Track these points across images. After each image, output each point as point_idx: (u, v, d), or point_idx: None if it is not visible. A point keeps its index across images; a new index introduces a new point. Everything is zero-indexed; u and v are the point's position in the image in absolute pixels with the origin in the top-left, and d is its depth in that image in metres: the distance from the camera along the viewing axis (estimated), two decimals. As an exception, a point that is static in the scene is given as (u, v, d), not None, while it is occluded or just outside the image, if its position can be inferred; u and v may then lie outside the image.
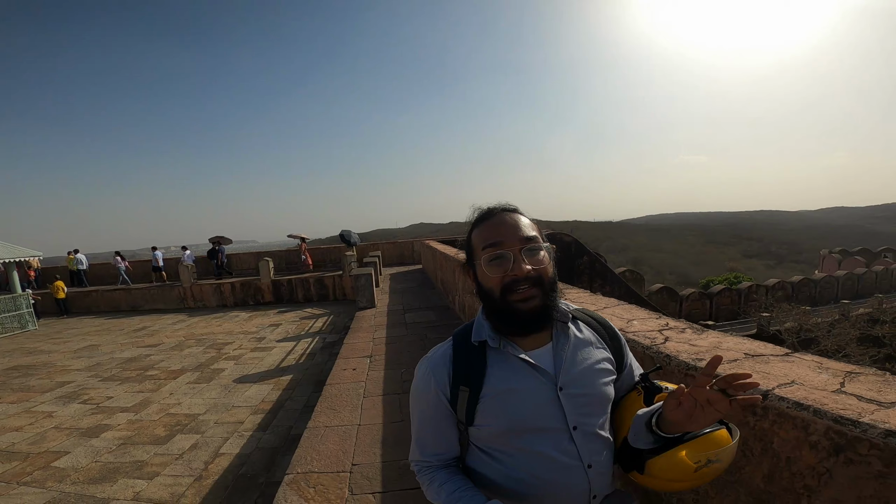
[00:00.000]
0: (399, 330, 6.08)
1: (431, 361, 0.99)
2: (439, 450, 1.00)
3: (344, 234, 16.50)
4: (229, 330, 9.86)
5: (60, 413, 5.57)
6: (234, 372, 6.69)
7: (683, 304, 19.85)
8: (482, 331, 0.96)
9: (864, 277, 24.80)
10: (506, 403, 0.91)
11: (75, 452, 4.49)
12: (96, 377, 7.00)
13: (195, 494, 3.69)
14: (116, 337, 10.10)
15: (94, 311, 14.42)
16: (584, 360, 0.95)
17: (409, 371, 4.42)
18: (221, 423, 4.95)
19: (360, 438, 2.94)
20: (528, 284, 0.88)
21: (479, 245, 0.94)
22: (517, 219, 0.93)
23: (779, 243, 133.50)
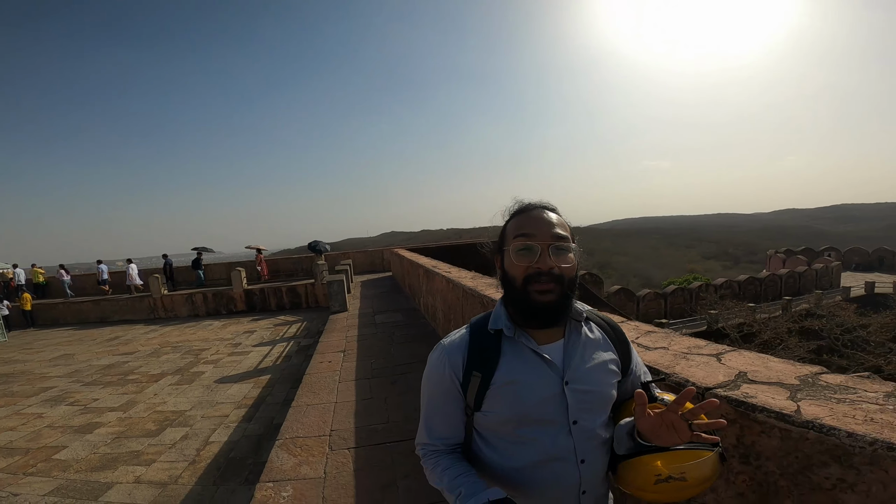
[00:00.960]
0: (369, 329, 6.72)
1: (448, 346, 1.03)
2: (446, 433, 1.03)
3: (313, 244, 16.94)
4: (204, 337, 10.21)
5: (50, 414, 5.92)
6: (214, 374, 7.15)
7: (640, 304, 21.12)
8: (499, 320, 1.00)
9: (804, 275, 26.75)
10: (514, 392, 0.94)
11: (73, 446, 4.90)
12: (78, 382, 7.32)
13: (191, 475, 4.20)
14: (90, 346, 10.29)
15: (60, 322, 14.37)
16: (592, 359, 0.99)
17: (377, 362, 5.07)
18: (208, 417, 5.44)
19: (337, 412, 3.60)
20: (549, 279, 0.91)
21: (511, 234, 0.98)
22: (552, 216, 0.97)
23: (735, 245, 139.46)
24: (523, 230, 0.94)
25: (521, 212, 1.00)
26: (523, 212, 0.99)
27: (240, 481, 4.06)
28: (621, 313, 1.90)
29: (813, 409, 1.00)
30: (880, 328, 17.97)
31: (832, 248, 37.73)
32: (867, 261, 36.69)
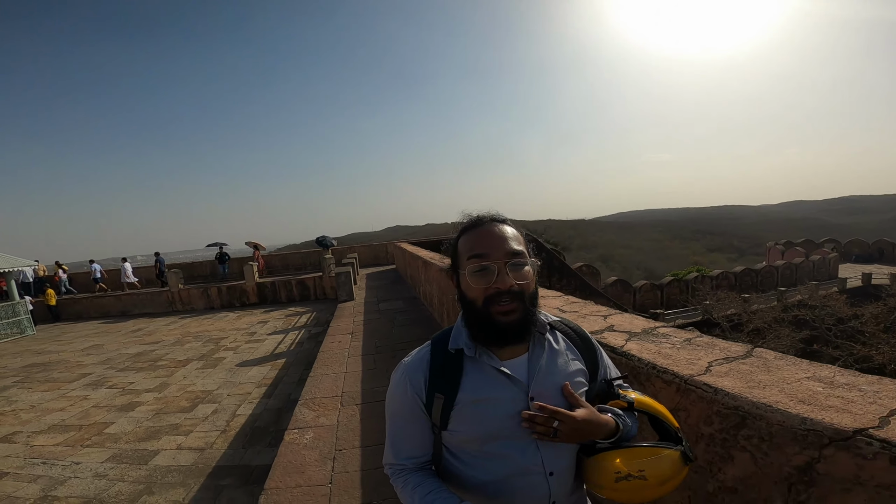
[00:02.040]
0: (374, 315, 7.51)
1: (408, 366, 1.01)
2: (414, 453, 1.02)
3: (320, 239, 17.75)
4: (221, 328, 11.00)
5: (93, 396, 6.68)
6: (234, 359, 7.92)
7: (637, 295, 21.78)
8: (459, 338, 0.99)
9: (801, 266, 27.23)
10: (478, 412, 0.93)
11: (119, 422, 5.64)
12: (112, 369, 8.10)
13: (223, 441, 4.93)
14: (116, 337, 11.11)
15: (83, 316, 15.22)
16: (557, 371, 0.98)
17: (381, 341, 5.85)
18: (233, 395, 6.19)
19: (347, 379, 4.38)
20: (510, 298, 0.89)
21: (464, 254, 0.95)
22: (505, 230, 0.95)
23: (740, 237, 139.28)
24: (476, 250, 0.93)
25: (470, 227, 0.98)
26: (473, 227, 0.98)
27: (264, 444, 4.79)
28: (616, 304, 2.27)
29: (632, 345, 1.68)
30: (871, 318, 18.42)
31: (832, 240, 38.05)
32: (867, 252, 36.97)
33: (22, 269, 16.75)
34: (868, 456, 0.89)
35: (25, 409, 6.36)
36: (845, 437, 0.93)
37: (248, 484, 4.06)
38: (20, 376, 8.25)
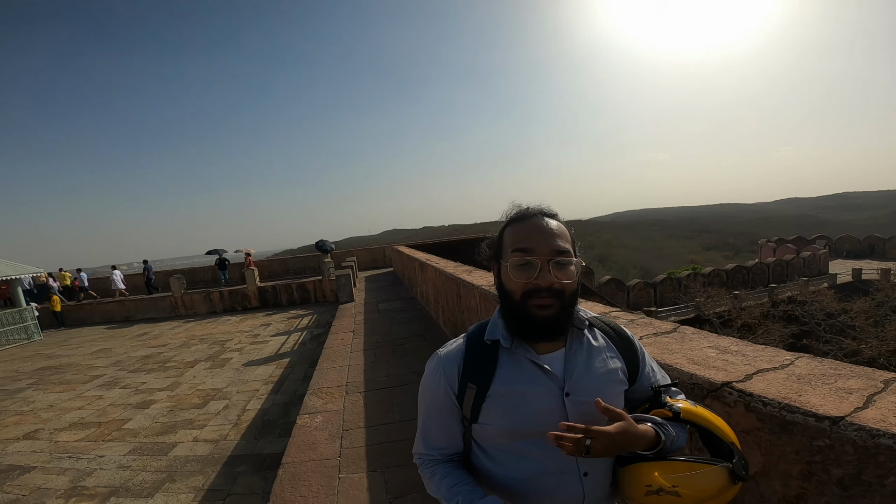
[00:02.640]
0: (373, 315, 7.92)
1: (443, 357, 1.01)
2: (443, 444, 1.02)
3: (320, 243, 18.13)
4: (225, 331, 11.35)
5: (108, 395, 7.03)
6: (240, 359, 8.28)
7: (630, 294, 22.21)
8: (496, 330, 0.98)
9: (792, 263, 27.70)
10: (511, 404, 0.92)
11: (136, 419, 5.99)
12: (123, 370, 8.44)
13: (236, 433, 5.29)
14: (123, 341, 11.45)
15: (88, 322, 15.48)
16: (595, 368, 0.96)
17: (380, 337, 6.27)
18: (242, 391, 6.55)
19: (350, 371, 4.80)
20: (549, 294, 0.89)
21: (509, 246, 0.94)
22: (552, 226, 0.93)
23: (735, 235, 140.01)
24: (522, 244, 0.92)
25: (518, 219, 0.97)
26: (521, 219, 0.96)
27: (274, 435, 5.15)
28: (611, 303, 2.46)
29: None
30: (858, 313, 18.83)
31: (823, 237, 38.64)
32: (858, 248, 37.50)
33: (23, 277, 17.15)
34: (731, 404, 1.26)
35: (44, 409, 6.69)
36: (715, 389, 1.31)
37: (261, 470, 4.42)
38: (34, 378, 8.57)
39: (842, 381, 1.18)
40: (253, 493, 4.06)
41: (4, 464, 4.94)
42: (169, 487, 4.23)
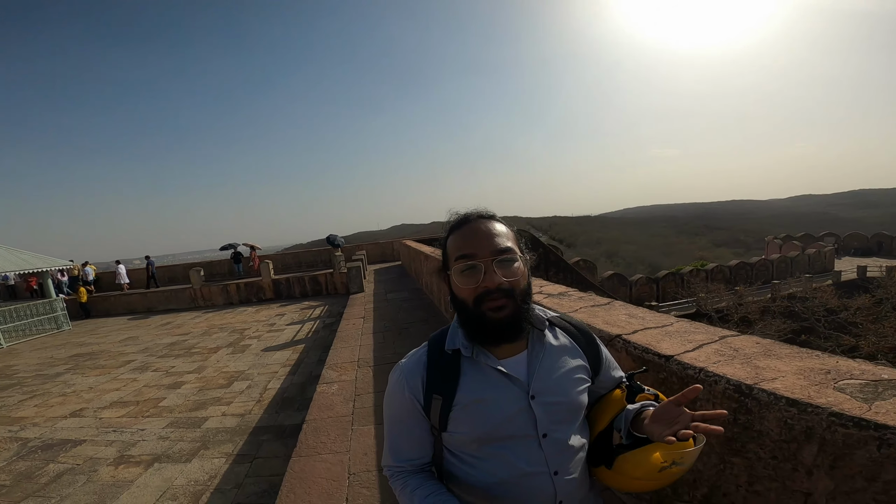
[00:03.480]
0: (382, 303, 8.65)
1: (405, 368, 1.02)
2: (412, 455, 1.02)
3: (331, 238, 18.85)
4: (243, 320, 12.06)
5: (141, 378, 7.71)
6: (259, 345, 8.96)
7: (633, 289, 22.69)
8: (456, 339, 0.99)
9: (796, 260, 27.97)
10: (477, 412, 0.93)
11: (170, 398, 6.63)
12: (152, 356, 9.16)
13: (259, 408, 5.93)
14: (148, 330, 12.21)
15: (112, 313, 16.35)
16: (558, 368, 0.98)
17: (388, 322, 6.98)
18: (262, 373, 7.21)
19: (361, 350, 5.51)
20: (500, 294, 0.89)
21: (452, 254, 0.95)
22: (492, 228, 0.94)
23: (746, 232, 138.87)
24: (463, 250, 0.92)
25: (457, 226, 0.98)
26: (460, 225, 0.97)
27: (293, 409, 5.78)
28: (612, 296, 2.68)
29: (542, 298, 2.61)
30: (857, 311, 19.11)
31: (831, 234, 38.70)
32: (866, 246, 37.52)
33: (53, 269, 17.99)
34: (619, 349, 1.83)
35: (85, 391, 7.37)
36: (611, 339, 1.88)
37: (282, 438, 5.04)
38: (70, 364, 9.28)
39: (693, 335, 1.75)
40: (275, 457, 4.68)
41: (56, 438, 5.53)
42: (203, 454, 4.85)
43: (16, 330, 13.01)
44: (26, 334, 13.15)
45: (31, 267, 13.47)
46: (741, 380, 1.28)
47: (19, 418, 6.27)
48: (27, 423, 6.04)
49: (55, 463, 4.81)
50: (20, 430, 5.83)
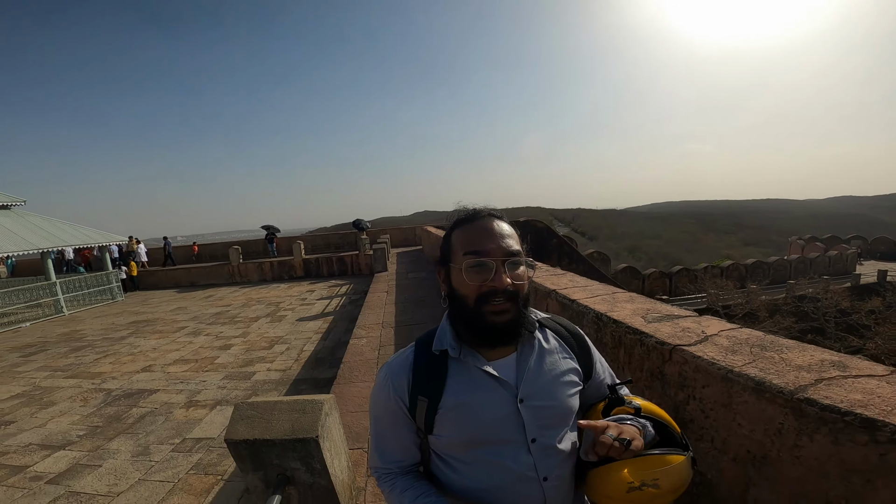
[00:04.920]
0: (404, 281, 10.04)
1: (391, 368, 1.01)
2: (399, 457, 1.03)
3: (357, 222, 20.11)
4: (277, 295, 13.38)
5: (196, 341, 8.96)
6: (293, 316, 10.21)
7: (645, 282, 23.23)
8: (444, 339, 0.97)
9: (816, 261, 27.89)
10: (464, 415, 0.92)
11: (222, 357, 7.81)
12: (202, 323, 10.48)
13: (298, 365, 7.08)
14: (194, 302, 13.65)
15: (159, 286, 17.92)
16: (548, 371, 0.96)
17: (409, 295, 8.30)
18: (299, 338, 8.40)
19: (385, 315, 6.81)
20: (504, 298, 0.88)
21: (459, 248, 0.92)
22: (503, 228, 0.93)
23: (779, 231, 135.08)
24: (474, 246, 0.90)
25: (466, 220, 0.95)
26: (470, 220, 0.95)
27: (326, 367, 6.90)
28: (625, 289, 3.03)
29: None
30: (868, 313, 19.18)
31: (858, 237, 38.06)
32: (893, 250, 36.80)
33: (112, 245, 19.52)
34: (603, 326, 2.81)
35: (149, 351, 8.59)
36: (548, 292, 2.86)
37: (318, 387, 6.17)
38: (131, 329, 10.63)
39: (594, 290, 2.71)
40: (313, 401, 5.86)
41: (135, 388, 6.53)
42: (254, 398, 6.01)
43: (76, 299, 14.54)
44: (84, 303, 14.70)
45: (94, 242, 15.04)
46: (601, 311, 2.25)
47: (99, 373, 7.42)
48: (107, 377, 7.17)
49: (137, 407, 5.78)
50: (102, 382, 6.93)
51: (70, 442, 4.91)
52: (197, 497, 3.71)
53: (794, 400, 1.18)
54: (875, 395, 1.12)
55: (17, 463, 4.52)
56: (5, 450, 4.83)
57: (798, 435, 1.18)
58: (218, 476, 4.01)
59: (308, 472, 2.11)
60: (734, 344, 1.58)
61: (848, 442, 1.07)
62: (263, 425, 2.16)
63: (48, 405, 6.07)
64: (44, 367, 7.96)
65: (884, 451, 1.01)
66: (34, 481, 4.14)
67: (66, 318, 13.06)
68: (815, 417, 1.13)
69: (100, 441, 4.88)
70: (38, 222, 14.57)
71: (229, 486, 3.84)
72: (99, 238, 15.24)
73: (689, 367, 1.57)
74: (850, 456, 1.08)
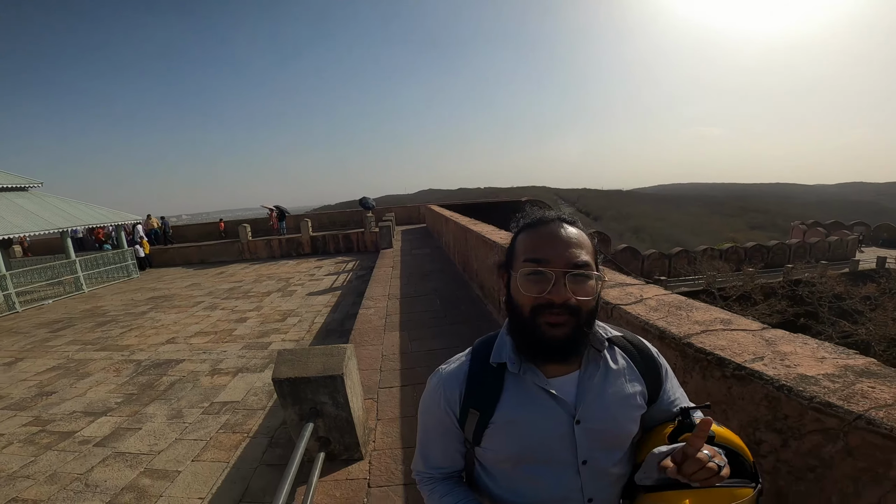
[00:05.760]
0: (408, 257, 10.78)
1: (444, 377, 0.98)
2: (443, 464, 1.01)
3: (363, 200, 20.62)
4: (287, 272, 13.98)
5: (213, 315, 9.47)
6: (303, 291, 10.82)
7: (644, 263, 23.68)
8: (503, 351, 0.93)
9: (815, 246, 28.17)
10: (515, 432, 0.89)
11: (239, 329, 8.30)
12: (217, 298, 11.04)
13: (310, 336, 7.63)
14: (206, 278, 14.24)
15: (171, 264, 18.37)
16: (611, 394, 0.90)
17: (413, 270, 9.08)
18: (309, 312, 8.98)
19: (390, 287, 7.47)
20: (563, 311, 0.82)
21: (521, 254, 0.87)
22: (572, 236, 0.85)
23: (786, 216, 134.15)
24: (535, 253, 0.84)
25: (533, 225, 0.89)
26: (536, 225, 0.89)
27: (336, 337, 7.45)
28: (625, 271, 3.25)
29: None
30: (863, 299, 19.49)
31: (862, 223, 38.15)
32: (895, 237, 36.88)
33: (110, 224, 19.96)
34: None
35: (171, 325, 9.03)
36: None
37: (328, 355, 6.77)
38: (150, 305, 11.10)
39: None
40: (325, 367, 6.46)
41: (162, 359, 6.92)
42: (271, 366, 6.27)
43: (93, 277, 15.02)
44: (102, 281, 15.24)
45: (109, 221, 15.56)
46: None
47: (126, 346, 7.82)
48: (135, 349, 7.56)
49: (167, 376, 6.21)
50: (131, 354, 7.34)
51: (110, 409, 5.32)
52: (227, 452, 4.23)
53: (682, 344, 1.67)
54: (736, 342, 1.58)
55: (64, 429, 4.90)
56: (51, 418, 5.21)
57: (685, 372, 1.66)
58: (244, 434, 4.53)
59: (333, 405, 2.62)
60: (659, 304, 2.08)
61: (711, 377, 1.54)
62: (301, 367, 2.66)
63: (84, 376, 6.48)
64: (74, 342, 8.42)
65: (730, 384, 1.46)
66: (83, 445, 4.55)
67: (86, 294, 13.56)
68: (693, 357, 1.62)
69: (137, 407, 5.31)
70: (56, 203, 15.06)
71: (254, 441, 4.37)
72: (114, 217, 15.78)
73: (623, 321, 2.07)
74: (713, 389, 1.51)
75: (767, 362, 1.40)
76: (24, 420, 5.20)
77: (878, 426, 1.05)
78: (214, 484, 3.74)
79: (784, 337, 1.60)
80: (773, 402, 1.29)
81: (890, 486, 1.07)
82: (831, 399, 1.15)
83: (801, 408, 1.21)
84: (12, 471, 4.14)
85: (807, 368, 1.33)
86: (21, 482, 3.96)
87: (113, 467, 4.11)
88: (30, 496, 3.76)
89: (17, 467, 4.20)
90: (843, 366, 1.33)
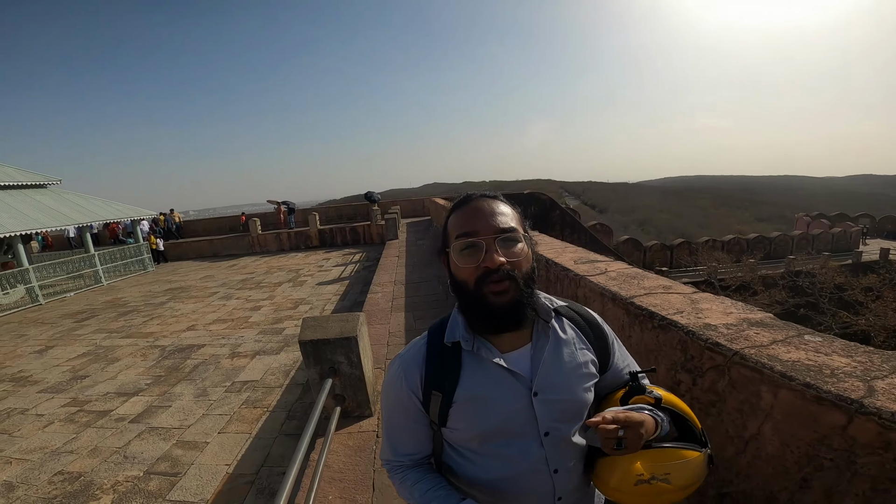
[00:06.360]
0: (413, 247, 11.33)
1: (403, 361, 1.00)
2: (411, 449, 1.03)
3: (369, 194, 21.10)
4: (296, 263, 14.49)
5: (229, 304, 9.90)
6: (313, 281, 11.29)
7: (647, 254, 23.96)
8: (456, 330, 0.96)
9: (818, 238, 28.31)
10: (477, 409, 0.92)
11: (254, 316, 8.72)
12: (231, 289, 11.51)
13: (319, 322, 8.13)
14: (220, 270, 14.74)
15: (184, 257, 18.91)
16: (563, 364, 0.94)
17: (417, 259, 9.52)
18: (319, 300, 9.44)
19: (396, 274, 7.98)
20: (502, 277, 0.86)
21: (453, 233, 0.91)
22: (495, 206, 0.91)
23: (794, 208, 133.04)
24: (464, 228, 0.89)
25: (459, 205, 0.94)
26: (462, 205, 0.93)
27: (345, 324, 7.96)
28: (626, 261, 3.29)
29: None
30: (863, 290, 19.68)
31: (866, 215, 38.13)
32: (901, 229, 36.80)
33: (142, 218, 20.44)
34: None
35: (189, 314, 9.44)
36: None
37: (339, 339, 7.23)
38: (168, 296, 11.54)
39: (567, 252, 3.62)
40: (335, 350, 6.93)
41: (185, 344, 7.29)
42: (286, 349, 6.79)
43: (111, 270, 15.48)
44: (119, 274, 15.74)
45: (126, 216, 16.12)
46: (549, 257, 3.19)
47: (150, 333, 8.21)
48: (158, 336, 7.93)
49: (191, 359, 6.56)
50: (155, 340, 7.70)
51: (140, 389, 5.69)
52: (250, 424, 4.66)
53: (626, 303, 2.09)
54: (668, 301, 1.99)
55: (100, 409, 5.26)
56: (87, 398, 5.57)
57: (629, 326, 2.07)
58: (264, 409, 4.95)
59: (349, 364, 3.08)
60: (618, 276, 2.51)
61: (645, 328, 1.95)
62: (322, 331, 3.15)
63: (113, 361, 6.85)
64: (99, 330, 8.83)
65: (657, 333, 1.86)
66: (119, 422, 4.89)
67: (105, 287, 14.09)
68: (634, 314, 2.03)
69: (165, 387, 5.67)
70: (75, 199, 15.60)
71: (273, 415, 4.80)
72: (131, 213, 16.33)
73: (587, 290, 2.50)
74: (647, 338, 1.86)
75: (685, 315, 1.81)
76: (62, 402, 5.62)
77: (747, 360, 1.33)
78: (239, 452, 4.17)
79: (707, 298, 2.01)
80: (684, 345, 1.68)
81: (763, 417, 1.30)
82: (720, 340, 1.51)
83: (700, 348, 1.58)
84: (56, 447, 4.55)
85: (713, 319, 1.72)
86: (66, 457, 4.37)
87: (148, 441, 4.51)
88: (75, 469, 4.17)
89: (60, 444, 4.61)
90: (743, 318, 1.71)
